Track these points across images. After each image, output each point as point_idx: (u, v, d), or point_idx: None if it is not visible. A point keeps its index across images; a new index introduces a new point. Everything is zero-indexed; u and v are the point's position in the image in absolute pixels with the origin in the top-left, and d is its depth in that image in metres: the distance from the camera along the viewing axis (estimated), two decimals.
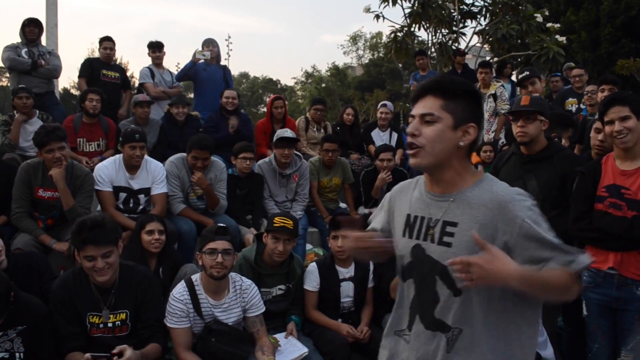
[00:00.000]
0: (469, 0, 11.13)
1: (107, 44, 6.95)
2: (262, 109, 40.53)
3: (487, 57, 10.76)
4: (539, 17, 10.27)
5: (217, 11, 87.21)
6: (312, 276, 3.92)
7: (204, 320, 3.30)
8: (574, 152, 4.56)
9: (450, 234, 1.68)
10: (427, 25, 10.94)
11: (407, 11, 10.80)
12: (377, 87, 30.55)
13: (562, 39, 10.09)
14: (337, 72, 36.38)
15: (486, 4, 10.90)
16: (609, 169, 3.07)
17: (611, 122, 2.99)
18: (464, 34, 11.17)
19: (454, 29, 10.98)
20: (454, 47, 10.55)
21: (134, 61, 61.27)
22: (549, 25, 10.44)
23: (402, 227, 1.84)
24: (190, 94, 7.95)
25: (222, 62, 7.59)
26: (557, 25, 10.55)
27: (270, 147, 6.13)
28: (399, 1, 10.81)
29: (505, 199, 1.62)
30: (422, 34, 30.24)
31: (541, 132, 3.45)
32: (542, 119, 3.42)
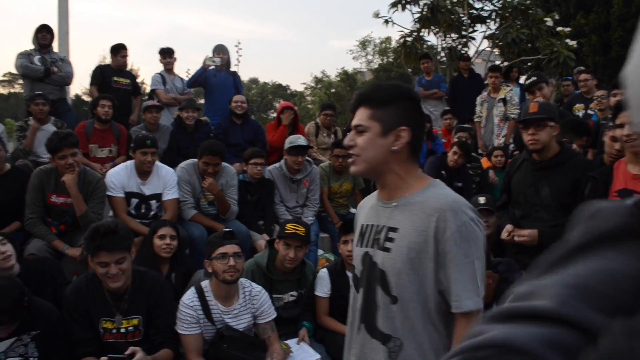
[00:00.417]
0: (478, 4, 11.14)
1: (122, 52, 7.01)
2: (272, 115, 40.62)
3: (497, 62, 10.74)
4: (549, 21, 10.24)
5: (227, 17, 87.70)
6: (323, 282, 3.91)
7: (215, 326, 3.31)
8: (586, 158, 4.53)
9: (391, 240, 1.69)
10: (437, 30, 10.94)
11: (417, 16, 10.81)
12: None
13: (572, 42, 10.05)
14: (347, 77, 36.41)
15: (496, 9, 10.88)
16: (621, 173, 3.05)
17: (622, 125, 2.98)
18: (473, 39, 11.16)
19: (463, 33, 10.97)
20: (463, 52, 10.53)
21: (145, 67, 61.55)
22: (559, 29, 10.40)
23: (357, 237, 1.86)
24: (200, 100, 7.99)
25: (232, 68, 7.63)
26: (568, 29, 10.50)
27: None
28: (408, 6, 10.82)
29: (443, 206, 1.60)
30: (431, 38, 30.23)
31: (552, 138, 3.43)
32: (552, 124, 3.39)
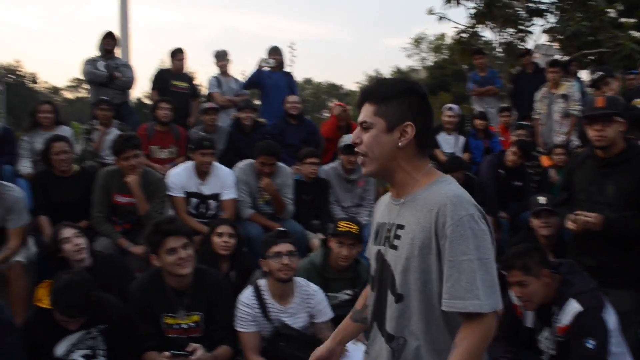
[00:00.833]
0: None
1: (179, 55, 7.22)
2: (326, 114, 40.79)
3: (557, 56, 10.40)
4: (612, 12, 9.84)
5: (281, 19, 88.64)
6: None
7: (272, 324, 3.36)
8: None
9: (398, 237, 1.66)
10: (493, 25, 10.72)
11: (472, 11, 10.63)
12: (441, 89, 30.09)
13: (637, 34, 9.62)
14: (400, 76, 36.15)
15: (555, 1, 10.56)
16: None
17: None
18: (531, 33, 10.87)
19: (521, 27, 10.69)
20: (521, 47, 10.27)
21: (202, 70, 63.03)
22: (623, 20, 9.99)
23: (372, 235, 1.84)
24: (256, 101, 8.17)
25: (286, 69, 7.72)
26: (632, 20, 10.06)
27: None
28: (463, 1, 10.65)
29: (443, 201, 1.56)
30: (487, 34, 29.51)
31: (619, 134, 3.29)
32: (619, 120, 3.26)
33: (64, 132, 5.58)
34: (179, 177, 4.75)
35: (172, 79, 7.09)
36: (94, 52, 6.81)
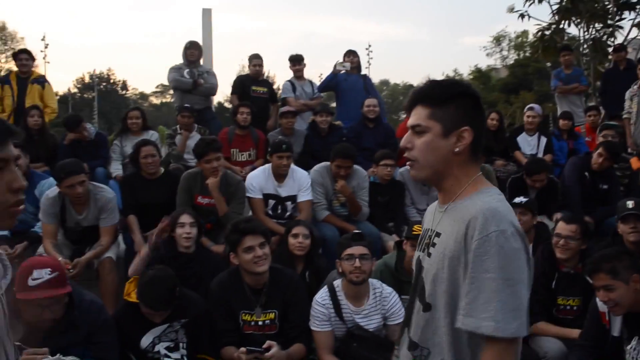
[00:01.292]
0: None
1: (256, 61, 7.44)
2: (403, 116, 40.45)
3: None
4: None
5: (358, 20, 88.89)
6: None
7: (346, 324, 3.40)
8: None
9: (434, 245, 1.59)
10: (578, 20, 10.23)
11: (555, 7, 10.20)
12: (523, 88, 29.09)
13: None
14: (480, 75, 35.24)
15: None
16: None
17: None
18: (621, 27, 10.27)
19: (609, 22, 10.14)
20: (609, 42, 9.74)
21: (280, 74, 64.34)
22: None
23: (418, 241, 1.79)
24: (332, 104, 8.26)
25: (363, 71, 7.75)
26: None
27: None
28: None
29: (476, 213, 1.47)
30: (572, 30, 28.21)
31: None
32: None
33: (151, 137, 5.91)
34: (257, 179, 4.90)
35: (252, 84, 7.31)
36: (179, 61, 7.14)
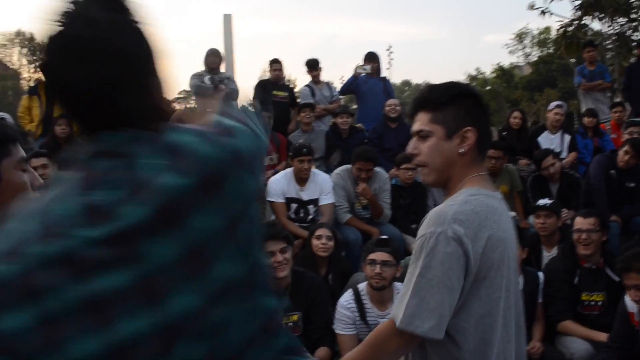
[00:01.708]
0: None
1: (276, 65, 7.51)
2: None
3: None
4: None
5: (379, 22, 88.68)
6: None
7: (370, 328, 3.41)
8: None
9: None
10: (601, 15, 10.06)
11: (577, 3, 10.04)
12: (547, 85, 28.70)
13: None
14: (503, 73, 34.85)
15: None
16: None
17: None
18: None
19: (633, 16, 9.95)
20: (633, 37, 9.57)
21: (302, 77, 64.59)
22: None
23: None
24: (354, 106, 8.31)
25: (384, 73, 7.77)
26: None
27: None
28: None
29: (428, 215, 1.56)
30: (595, 25, 27.75)
31: None
32: None
33: None
34: (279, 183, 4.94)
35: (273, 89, 7.37)
36: (200, 68, 7.23)
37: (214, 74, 7.17)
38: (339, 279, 4.06)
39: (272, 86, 7.44)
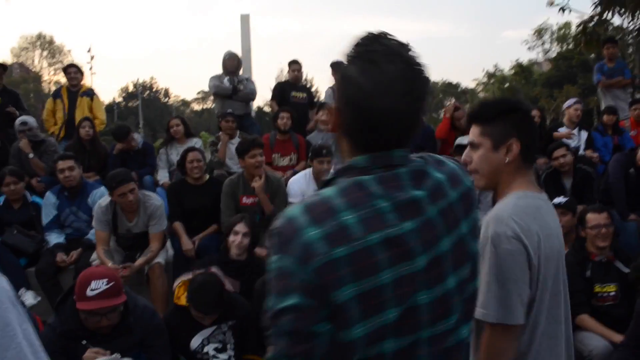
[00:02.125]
0: None
1: (295, 66, 7.59)
2: (442, 115, 40.00)
3: None
4: None
5: (397, 19, 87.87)
6: None
7: None
8: None
9: None
10: (622, 10, 9.91)
11: None
12: (567, 82, 28.37)
13: None
14: (522, 70, 34.56)
15: None
16: None
17: None
18: None
19: None
20: None
21: (319, 76, 64.54)
22: None
23: None
24: None
25: None
26: None
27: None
28: None
29: (485, 219, 1.68)
30: (616, 20, 27.32)
31: None
32: None
33: (195, 144, 6.09)
34: (298, 183, 5.02)
35: (291, 90, 7.45)
36: (218, 67, 7.33)
37: (233, 75, 7.26)
38: None
39: (291, 87, 7.52)
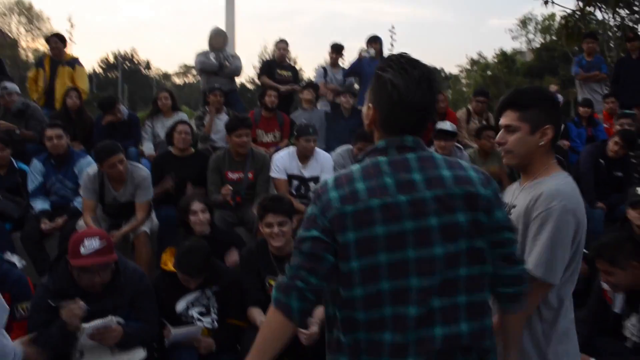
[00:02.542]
0: None
1: (282, 44, 7.68)
2: None
3: None
4: None
5: (381, 1, 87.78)
6: None
7: None
8: None
9: (510, 214, 1.99)
10: (604, 7, 10.12)
11: None
12: (548, 72, 28.76)
13: None
14: (505, 59, 34.85)
15: None
16: None
17: None
18: None
19: (635, 8, 10.03)
20: (631, 30, 9.65)
21: (303, 55, 64.15)
22: None
23: None
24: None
25: (386, 54, 7.91)
26: None
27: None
28: None
29: (542, 192, 1.90)
30: (599, 15, 27.58)
31: None
32: None
33: (182, 118, 6.18)
34: (282, 160, 5.15)
35: (277, 68, 7.55)
36: (203, 42, 7.39)
37: (218, 52, 7.31)
38: None
39: (277, 65, 7.61)
